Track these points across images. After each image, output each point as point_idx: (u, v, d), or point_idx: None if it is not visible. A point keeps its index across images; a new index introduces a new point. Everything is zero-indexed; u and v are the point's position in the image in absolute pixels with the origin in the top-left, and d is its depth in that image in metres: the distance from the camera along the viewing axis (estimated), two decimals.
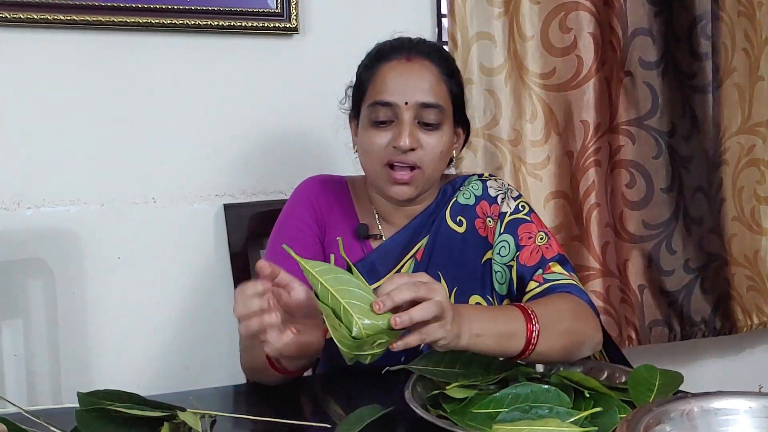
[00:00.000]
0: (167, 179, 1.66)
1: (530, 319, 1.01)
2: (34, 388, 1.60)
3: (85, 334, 1.63)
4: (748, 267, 2.09)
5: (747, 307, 2.09)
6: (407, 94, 1.16)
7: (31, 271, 1.59)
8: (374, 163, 1.19)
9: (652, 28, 1.93)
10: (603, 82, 1.91)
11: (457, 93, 1.23)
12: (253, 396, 1.16)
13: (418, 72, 1.18)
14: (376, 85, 1.19)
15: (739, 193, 2.08)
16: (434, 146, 1.18)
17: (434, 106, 1.17)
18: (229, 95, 1.69)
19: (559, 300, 1.13)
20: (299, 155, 1.74)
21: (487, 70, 1.84)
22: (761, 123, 2.09)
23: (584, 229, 1.92)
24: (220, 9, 1.63)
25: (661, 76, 1.94)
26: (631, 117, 1.94)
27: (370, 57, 1.24)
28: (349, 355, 0.87)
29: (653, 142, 1.95)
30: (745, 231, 2.09)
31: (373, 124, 1.18)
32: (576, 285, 1.18)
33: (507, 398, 0.92)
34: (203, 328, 1.71)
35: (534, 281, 1.19)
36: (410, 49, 1.20)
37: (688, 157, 2.00)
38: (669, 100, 1.96)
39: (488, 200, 1.27)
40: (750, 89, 2.07)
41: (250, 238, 1.63)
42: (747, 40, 2.06)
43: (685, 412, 0.73)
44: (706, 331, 2.04)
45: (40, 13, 1.51)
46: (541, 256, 1.20)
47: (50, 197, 1.58)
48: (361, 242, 1.27)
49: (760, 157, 2.10)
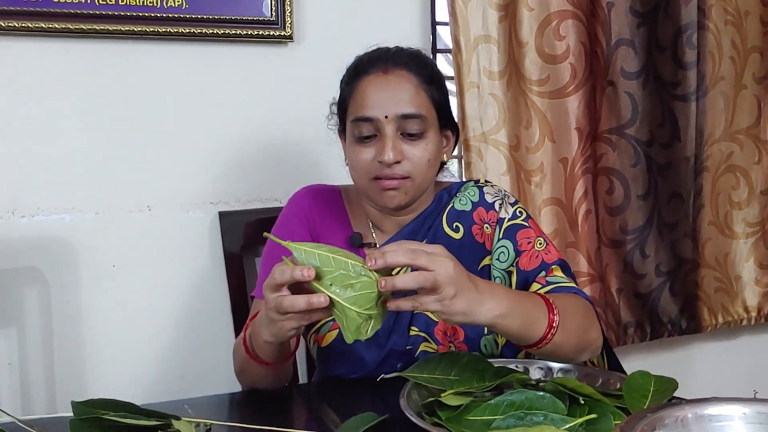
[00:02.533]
0: (162, 187, 1.66)
1: (552, 309, 1.03)
2: (28, 397, 1.60)
3: (80, 343, 1.63)
4: (717, 269, 2.17)
5: (714, 307, 2.17)
6: (386, 107, 1.16)
7: (26, 280, 1.58)
8: (363, 178, 1.20)
9: (634, 39, 1.96)
10: (591, 91, 1.94)
11: (440, 98, 1.22)
12: (248, 404, 1.16)
13: (395, 83, 1.17)
14: (356, 101, 1.19)
15: (715, 199, 2.14)
16: (420, 156, 1.18)
17: (415, 116, 1.17)
18: (224, 103, 1.69)
19: (570, 298, 1.14)
20: (294, 162, 1.74)
21: (489, 74, 1.85)
22: (740, 130, 2.15)
23: (579, 236, 1.94)
24: (215, 17, 1.63)
25: (641, 86, 1.98)
26: (612, 126, 1.97)
27: (349, 72, 1.24)
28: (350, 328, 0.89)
29: (632, 150, 1.99)
30: (719, 235, 2.16)
31: (357, 140, 1.19)
32: (579, 289, 1.19)
33: (502, 405, 0.91)
34: (199, 336, 1.71)
35: (537, 283, 1.19)
36: (387, 60, 1.20)
37: (666, 165, 2.05)
38: (649, 109, 2.00)
39: (485, 206, 1.27)
40: (734, 97, 2.11)
41: (245, 245, 1.62)
42: (734, 48, 2.09)
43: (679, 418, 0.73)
44: (672, 331, 2.13)
45: (35, 21, 1.51)
46: (541, 260, 1.21)
47: (45, 205, 1.58)
48: (356, 251, 1.27)
49: (737, 163, 2.16)
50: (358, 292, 0.89)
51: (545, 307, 1.03)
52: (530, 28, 1.85)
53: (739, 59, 2.10)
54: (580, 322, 1.09)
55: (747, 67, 2.12)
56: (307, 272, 0.89)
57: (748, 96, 2.13)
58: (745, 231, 2.18)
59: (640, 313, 2.07)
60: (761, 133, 2.16)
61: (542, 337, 1.02)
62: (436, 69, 1.26)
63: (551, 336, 1.02)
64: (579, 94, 1.90)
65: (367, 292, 0.89)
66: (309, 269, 0.89)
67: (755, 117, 2.15)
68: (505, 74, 1.86)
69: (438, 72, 1.25)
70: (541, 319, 1.02)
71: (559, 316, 1.03)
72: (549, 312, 1.03)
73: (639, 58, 1.97)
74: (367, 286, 0.89)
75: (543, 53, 1.87)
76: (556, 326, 1.02)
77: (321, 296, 0.89)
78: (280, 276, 0.91)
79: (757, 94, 2.15)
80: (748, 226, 2.18)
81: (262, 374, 1.12)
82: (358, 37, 1.67)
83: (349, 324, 0.90)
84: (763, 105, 2.15)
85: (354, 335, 0.91)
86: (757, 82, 2.14)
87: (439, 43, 1.95)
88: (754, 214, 2.19)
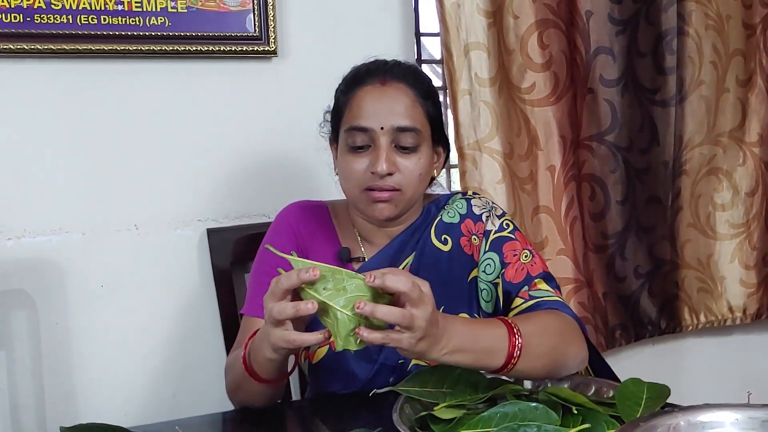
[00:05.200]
0: (149, 206, 1.65)
1: (514, 336, 1.01)
2: (18, 421, 1.58)
3: (70, 365, 1.61)
4: (700, 270, 2.20)
5: (696, 307, 2.20)
6: (383, 118, 1.16)
7: (13, 303, 1.57)
8: (354, 188, 1.20)
9: (613, 47, 1.97)
10: (572, 99, 1.95)
11: (434, 114, 1.23)
12: (241, 422, 1.15)
13: (393, 96, 1.18)
14: (352, 110, 1.19)
15: (696, 201, 2.17)
16: (412, 169, 1.18)
17: (410, 130, 1.17)
18: (209, 119, 1.68)
19: (546, 317, 1.14)
20: (281, 178, 1.74)
21: (481, 81, 1.85)
22: (723, 133, 2.16)
23: (567, 243, 1.96)
24: (199, 34, 1.63)
25: (620, 93, 2.00)
26: (593, 132, 1.99)
27: (346, 81, 1.24)
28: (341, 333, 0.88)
29: (611, 156, 2.02)
30: (699, 236, 2.19)
31: (350, 150, 1.18)
32: (562, 302, 1.18)
33: (495, 417, 0.91)
34: (190, 354, 1.70)
35: (520, 297, 1.20)
36: (385, 72, 1.20)
37: (644, 170, 2.08)
38: (628, 115, 2.02)
39: (473, 218, 1.27)
40: (716, 101, 2.13)
41: (234, 262, 1.62)
42: (715, 52, 2.10)
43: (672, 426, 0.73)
44: (652, 331, 2.16)
45: (17, 43, 1.50)
46: (526, 273, 1.21)
47: (31, 227, 1.57)
48: (344, 265, 1.26)
49: (720, 166, 2.18)
50: (350, 294, 0.88)
51: (506, 335, 1.01)
52: (516, 36, 1.86)
53: (721, 63, 2.11)
54: (553, 343, 1.07)
55: (730, 70, 2.13)
56: (313, 272, 0.88)
57: (730, 99, 2.15)
58: (730, 232, 2.20)
59: (624, 316, 2.11)
60: (745, 135, 2.18)
61: (503, 365, 1.01)
62: (432, 85, 1.26)
63: (514, 362, 1.01)
64: (562, 102, 1.92)
65: (360, 294, 0.89)
66: (315, 269, 0.88)
67: (739, 120, 2.17)
68: (496, 81, 1.86)
69: (434, 88, 1.26)
70: (499, 348, 1.00)
71: (523, 340, 1.01)
72: (510, 339, 1.01)
73: (618, 66, 1.99)
74: (360, 288, 0.89)
75: (528, 61, 1.88)
76: (517, 354, 1.01)
77: (309, 303, 0.88)
78: (287, 280, 0.90)
79: (741, 97, 2.16)
80: (732, 227, 2.20)
81: (258, 392, 1.11)
82: (343, 51, 1.70)
83: (340, 329, 0.89)
84: (746, 107, 2.17)
85: (345, 343, 0.89)
86: (741, 84, 2.15)
87: (423, 54, 1.95)
88: (739, 215, 2.21)
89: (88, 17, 1.55)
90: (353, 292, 0.89)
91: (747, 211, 2.21)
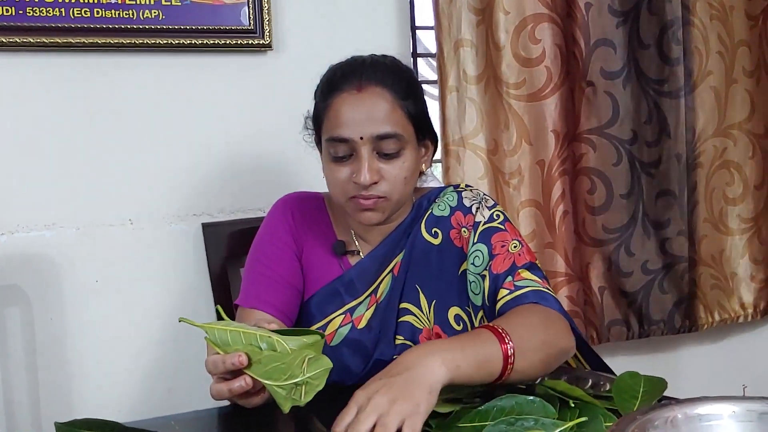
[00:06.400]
0: (143, 200, 1.64)
1: (503, 338, 0.99)
2: (13, 417, 1.57)
3: (65, 361, 1.60)
4: (713, 266, 2.15)
5: (710, 305, 2.15)
6: (361, 128, 1.13)
7: (7, 298, 1.56)
8: (339, 196, 1.19)
9: (614, 39, 1.96)
10: (568, 93, 1.94)
11: (416, 112, 1.19)
12: (236, 418, 1.14)
13: (370, 102, 1.14)
14: (330, 120, 1.16)
15: (710, 195, 2.13)
16: (396, 174, 1.16)
17: (391, 136, 1.14)
18: (204, 113, 1.67)
19: (527, 313, 1.12)
20: (276, 171, 1.73)
21: (468, 78, 1.85)
22: (733, 125, 2.13)
23: (556, 237, 1.95)
24: (193, 27, 1.62)
25: (622, 85, 1.98)
26: (593, 126, 1.97)
27: (322, 86, 1.21)
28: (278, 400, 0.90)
29: (613, 149, 2.00)
30: (714, 232, 2.14)
31: (333, 159, 1.17)
32: (545, 291, 1.16)
33: (492, 411, 0.91)
34: (185, 349, 1.69)
35: (504, 288, 1.17)
36: (361, 75, 1.16)
37: (653, 163, 2.04)
38: (631, 108, 2.00)
39: (463, 210, 1.26)
40: (725, 92, 2.10)
41: (229, 256, 1.61)
42: (721, 43, 2.08)
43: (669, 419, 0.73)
44: (665, 330, 2.10)
45: (9, 36, 1.49)
46: (512, 263, 1.19)
47: (24, 222, 1.56)
48: (339, 259, 1.26)
49: (731, 159, 2.14)
50: (266, 366, 0.89)
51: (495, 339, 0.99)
52: (506, 31, 1.86)
53: (728, 54, 2.09)
54: (542, 338, 1.06)
55: (736, 61, 2.10)
56: (238, 359, 0.89)
57: (739, 90, 2.11)
58: (740, 227, 2.16)
59: (626, 311, 2.07)
60: (754, 127, 2.15)
61: (502, 371, 0.99)
62: (413, 80, 1.23)
63: (511, 366, 0.99)
64: (555, 96, 1.91)
65: (276, 364, 0.88)
66: (240, 356, 0.89)
67: (748, 111, 2.13)
68: (483, 78, 1.86)
69: (415, 83, 1.22)
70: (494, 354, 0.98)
71: (512, 342, 0.99)
72: (501, 343, 0.99)
73: (619, 57, 1.97)
74: (274, 359, 0.89)
75: (519, 57, 1.88)
76: (512, 355, 0.99)
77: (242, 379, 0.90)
78: (214, 369, 0.92)
79: (749, 88, 2.13)
80: (742, 222, 2.16)
81: None
82: (338, 44, 1.69)
83: (276, 397, 0.89)
84: (755, 98, 2.14)
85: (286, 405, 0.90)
86: (748, 75, 2.12)
87: (419, 48, 1.95)
88: (749, 209, 2.17)
89: (81, 10, 1.54)
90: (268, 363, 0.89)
91: (756, 205, 2.17)
